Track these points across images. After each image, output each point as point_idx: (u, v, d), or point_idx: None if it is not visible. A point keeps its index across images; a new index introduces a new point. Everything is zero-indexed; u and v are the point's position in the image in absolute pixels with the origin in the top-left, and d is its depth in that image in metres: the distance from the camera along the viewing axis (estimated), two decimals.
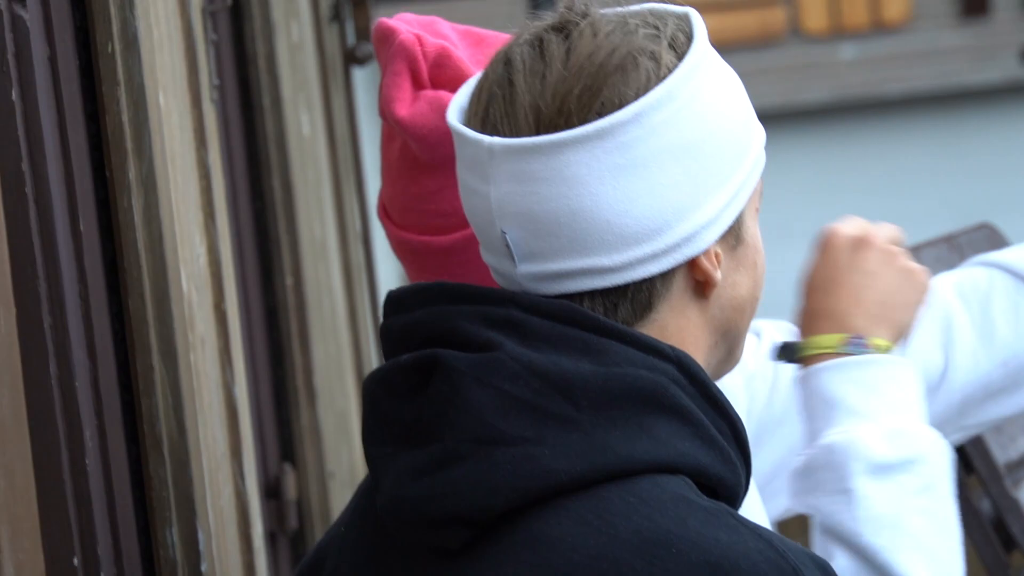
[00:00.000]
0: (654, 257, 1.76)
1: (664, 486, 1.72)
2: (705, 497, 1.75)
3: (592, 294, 1.77)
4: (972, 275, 2.33)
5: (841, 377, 2.03)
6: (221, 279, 2.40)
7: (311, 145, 3.28)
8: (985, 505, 3.25)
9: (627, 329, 1.76)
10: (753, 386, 2.38)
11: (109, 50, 2.11)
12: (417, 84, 2.07)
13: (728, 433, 1.78)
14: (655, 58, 1.76)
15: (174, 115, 2.24)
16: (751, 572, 1.67)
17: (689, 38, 1.79)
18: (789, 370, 2.30)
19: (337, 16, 3.58)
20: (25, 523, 1.71)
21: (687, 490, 1.74)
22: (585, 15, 1.79)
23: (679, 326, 1.81)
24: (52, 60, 2.05)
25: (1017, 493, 3.18)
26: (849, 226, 2.17)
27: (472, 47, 2.18)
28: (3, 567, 1.59)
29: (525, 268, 1.78)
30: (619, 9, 1.83)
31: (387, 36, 2.09)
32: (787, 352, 2.13)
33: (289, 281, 3.09)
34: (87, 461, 2.03)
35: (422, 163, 2.01)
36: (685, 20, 1.80)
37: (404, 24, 2.09)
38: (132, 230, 2.07)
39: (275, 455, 3.16)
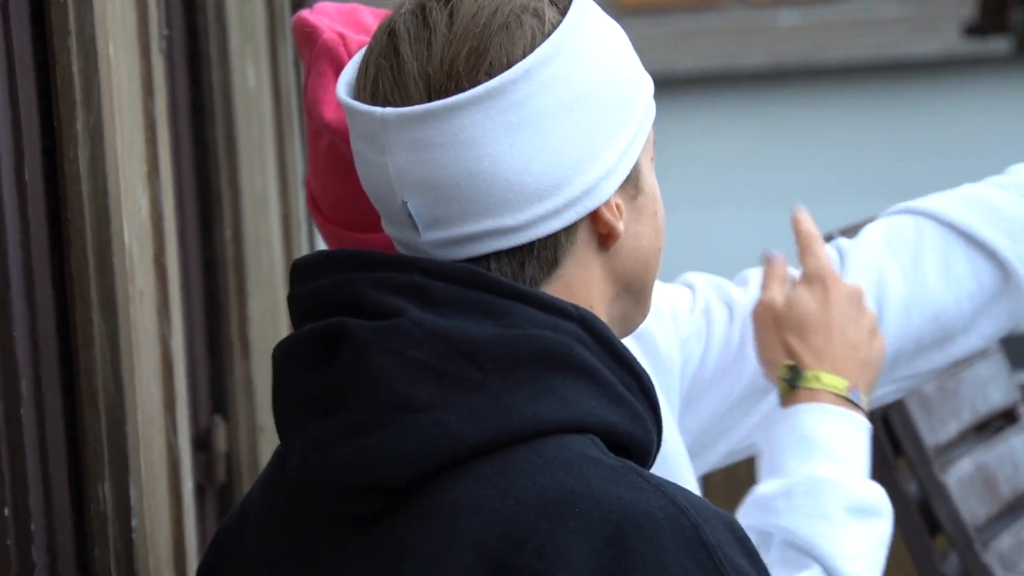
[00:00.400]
0: (556, 212, 1.77)
1: (570, 446, 1.72)
2: (611, 455, 1.75)
3: (498, 255, 1.77)
4: (900, 226, 2.32)
5: (833, 425, 2.05)
6: (163, 232, 2.39)
7: (256, 97, 3.26)
8: (912, 488, 3.27)
9: (530, 290, 1.76)
10: (688, 347, 2.38)
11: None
12: (337, 73, 2.09)
13: (636, 389, 1.78)
14: (538, 15, 1.76)
15: (123, 65, 2.23)
16: (651, 529, 1.68)
17: None
18: (724, 333, 2.30)
19: None
20: None
21: (593, 449, 1.74)
22: None
23: (585, 280, 1.81)
24: (4, 8, 2.03)
25: (944, 477, 3.23)
26: (847, 281, 2.17)
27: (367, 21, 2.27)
28: None
29: (429, 236, 1.78)
30: None
31: (309, 35, 2.11)
32: (793, 375, 2.13)
33: (228, 234, 3.08)
34: (22, 411, 2.02)
35: (350, 162, 1.98)
36: None
37: (325, 19, 2.13)
38: (77, 181, 2.07)
39: (207, 407, 3.14)
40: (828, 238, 3.03)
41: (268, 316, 3.34)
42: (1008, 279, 2.22)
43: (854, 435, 2.07)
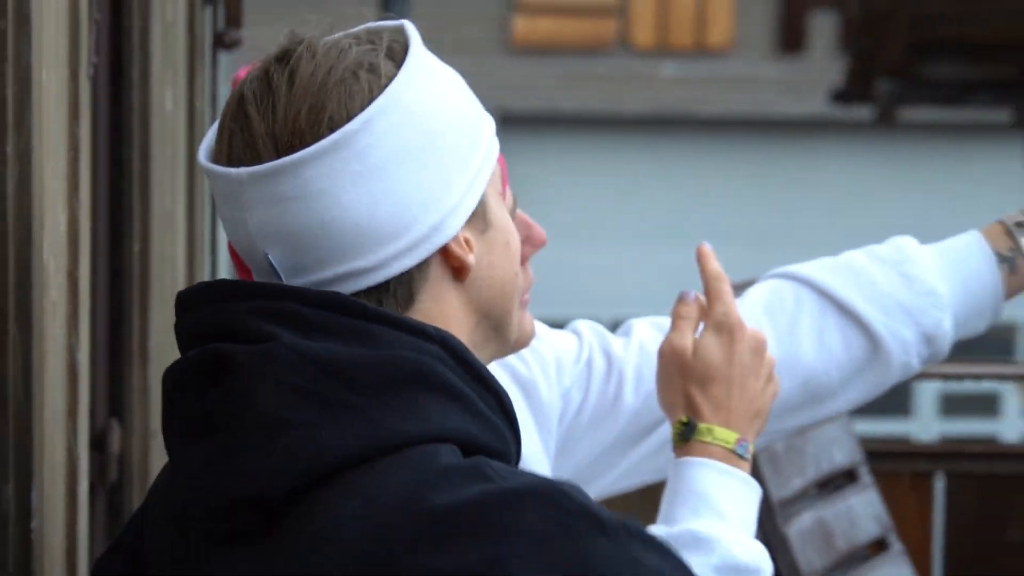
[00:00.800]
0: (407, 251, 1.81)
1: (432, 455, 1.77)
2: (471, 459, 1.81)
3: (357, 294, 1.81)
4: (780, 291, 2.39)
5: (721, 481, 2.10)
6: (78, 247, 2.43)
7: (172, 120, 3.37)
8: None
9: (394, 314, 1.82)
10: (569, 396, 2.43)
11: (1, 27, 2.13)
12: None
13: (495, 406, 1.84)
14: (374, 70, 1.82)
15: (53, 90, 2.27)
16: (514, 501, 1.72)
17: (405, 48, 1.85)
18: (601, 386, 2.36)
19: (211, 0, 3.72)
20: None
21: (453, 456, 1.78)
22: (302, 44, 1.84)
23: (441, 311, 1.86)
24: None
25: (786, 529, 3.27)
26: (753, 329, 2.22)
27: None
28: None
29: (292, 283, 1.82)
30: (337, 34, 1.87)
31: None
32: (687, 429, 2.17)
33: (136, 247, 3.14)
34: None
35: None
36: (400, 31, 1.87)
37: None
38: (4, 201, 2.08)
39: (104, 410, 3.18)
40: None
41: (168, 329, 3.33)
42: (877, 351, 2.30)
43: (740, 492, 2.11)
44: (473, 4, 16.50)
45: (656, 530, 2.10)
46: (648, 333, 2.44)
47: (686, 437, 2.13)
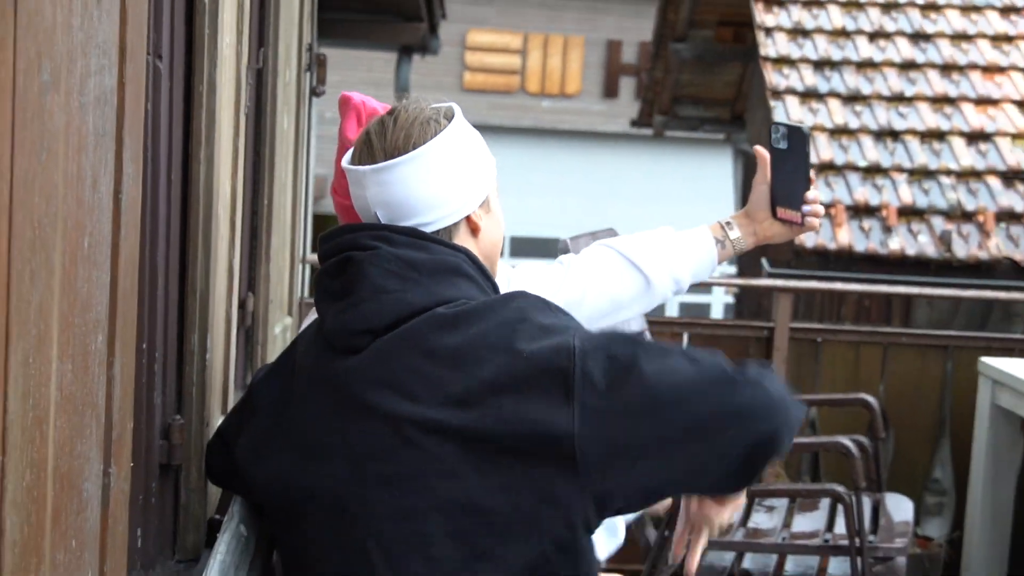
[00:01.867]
0: (449, 215, 2.14)
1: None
2: None
3: None
4: (602, 254, 2.66)
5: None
6: (236, 204, 2.75)
7: (287, 134, 3.78)
8: None
9: (439, 238, 2.13)
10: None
11: (199, 89, 2.40)
12: (360, 124, 2.56)
13: (490, 288, 2.14)
14: (437, 121, 2.14)
15: (225, 121, 2.57)
16: (514, 297, 2.07)
17: (452, 113, 2.18)
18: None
19: (309, 68, 4.09)
20: None
21: None
22: (402, 106, 2.17)
23: (469, 248, 2.17)
24: (168, 78, 2.30)
25: None
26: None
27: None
28: None
29: None
30: (420, 100, 2.19)
31: (347, 100, 2.57)
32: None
33: (266, 202, 3.50)
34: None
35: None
36: (450, 106, 2.19)
37: (355, 95, 2.59)
38: (198, 181, 2.39)
39: (245, 288, 3.41)
40: (563, 250, 3.32)
41: (279, 244, 3.72)
42: (649, 287, 2.63)
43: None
44: (445, 68, 19.63)
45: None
46: (528, 266, 2.69)
47: None
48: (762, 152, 2.59)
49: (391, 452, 1.96)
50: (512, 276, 2.63)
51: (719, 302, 19.47)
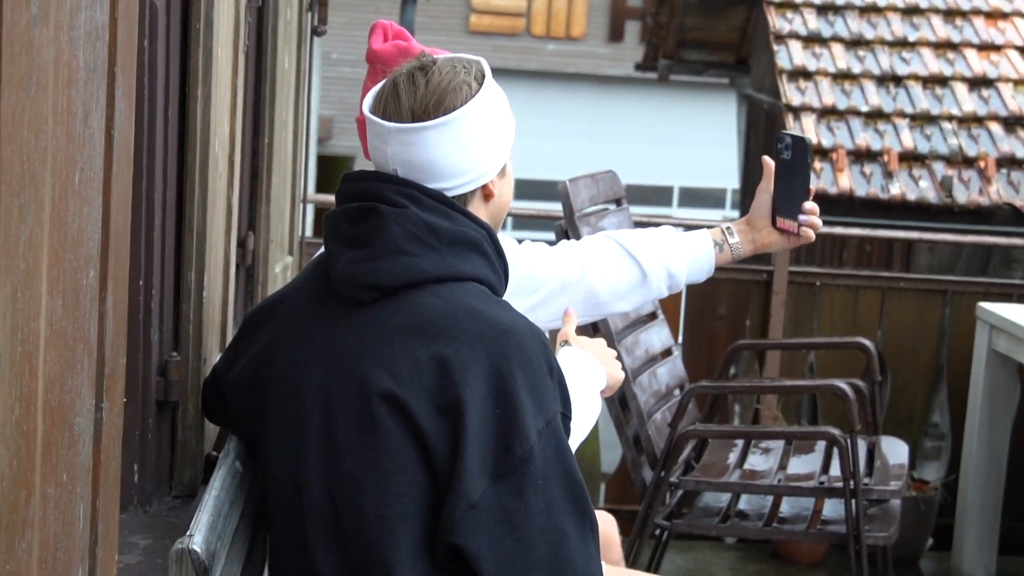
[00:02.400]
0: (469, 183, 2.12)
1: (477, 287, 2.05)
2: (493, 296, 2.07)
3: None
4: (607, 243, 2.68)
5: (586, 357, 2.41)
6: (234, 142, 2.73)
7: (288, 73, 3.74)
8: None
9: (467, 210, 2.09)
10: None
11: (196, 27, 2.39)
12: (386, 37, 2.56)
13: (502, 270, 2.13)
14: (469, 85, 2.09)
15: (223, 59, 2.55)
16: (522, 333, 2.01)
17: (483, 75, 2.13)
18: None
19: (311, 7, 4.06)
20: None
21: (486, 291, 2.06)
22: (434, 62, 2.10)
23: (478, 212, 2.15)
24: (165, 27, 2.27)
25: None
26: (603, 342, 2.47)
27: (406, 40, 2.58)
28: None
29: None
30: (451, 57, 2.13)
31: (376, 23, 2.58)
32: (565, 344, 2.44)
33: (267, 140, 3.47)
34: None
35: (383, 76, 2.28)
36: (480, 66, 2.14)
37: (384, 21, 2.58)
38: (195, 118, 2.39)
39: (245, 226, 3.42)
40: (563, 192, 3.39)
41: (280, 183, 3.70)
42: (645, 281, 2.63)
43: (585, 361, 2.37)
44: (451, 11, 19.83)
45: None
46: (531, 244, 2.68)
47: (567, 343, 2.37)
48: (768, 162, 2.62)
49: (357, 418, 1.97)
50: (517, 251, 2.63)
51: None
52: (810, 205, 2.55)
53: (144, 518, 2.25)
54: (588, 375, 2.32)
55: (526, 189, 18.87)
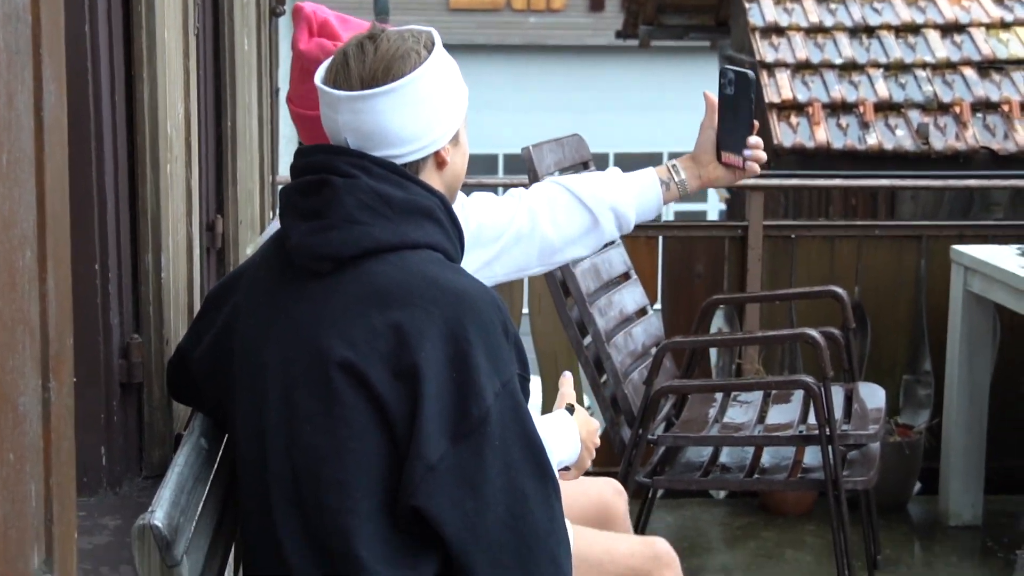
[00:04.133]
0: (420, 149, 2.11)
1: (431, 254, 2.05)
2: (448, 262, 2.08)
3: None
4: (555, 189, 2.70)
5: (570, 435, 2.39)
6: (190, 123, 2.74)
7: (248, 55, 3.72)
8: (557, 275, 3.63)
9: (419, 179, 2.10)
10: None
11: (138, 9, 2.38)
12: (311, 34, 2.54)
13: (457, 235, 2.13)
14: (418, 53, 2.09)
15: (171, 42, 2.56)
16: (477, 298, 2.02)
17: (432, 43, 2.12)
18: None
19: None
20: None
21: (441, 258, 2.06)
22: (383, 31, 2.10)
23: (432, 182, 2.15)
24: (106, 12, 2.28)
25: (574, 269, 3.62)
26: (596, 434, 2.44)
27: (339, 22, 2.58)
28: None
29: None
30: (400, 28, 2.13)
31: (299, 10, 2.54)
32: (569, 409, 2.43)
33: (229, 123, 3.47)
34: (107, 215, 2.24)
35: (308, 73, 2.37)
36: (430, 35, 2.14)
37: (307, 4, 2.57)
38: (142, 101, 2.40)
39: (213, 209, 3.45)
40: (526, 157, 3.39)
41: (246, 163, 3.71)
42: (596, 226, 2.65)
43: (567, 432, 2.37)
44: None
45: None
46: (481, 195, 2.69)
47: (569, 411, 2.41)
48: (711, 98, 2.63)
49: (316, 387, 1.99)
50: (466, 203, 2.64)
51: (714, 208, 19.67)
52: (754, 140, 2.57)
53: (114, 500, 2.27)
54: (563, 443, 2.36)
55: (515, 164, 18.92)
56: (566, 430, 2.35)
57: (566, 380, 2.45)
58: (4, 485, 1.47)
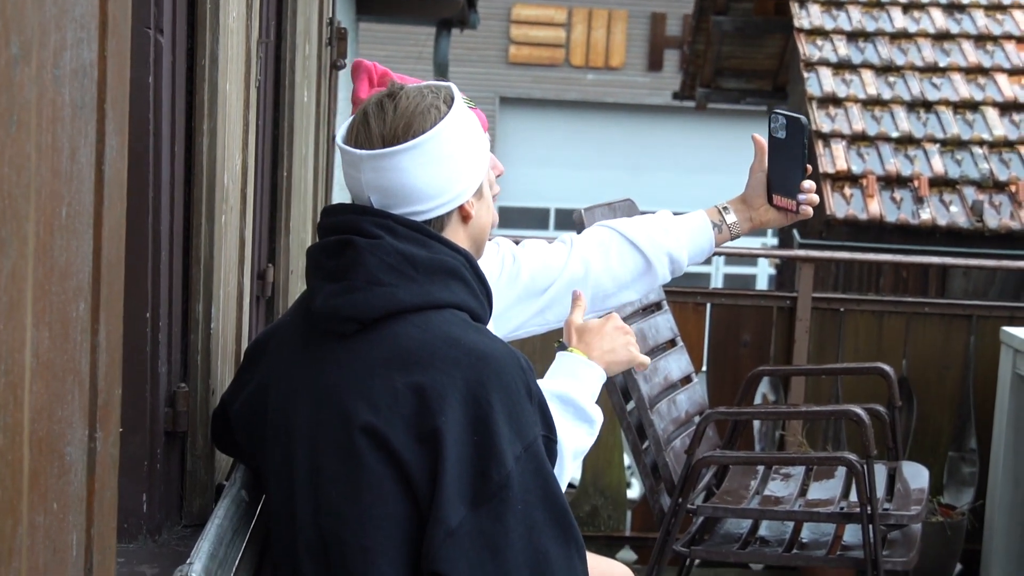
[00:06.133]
0: (444, 205, 2.12)
1: (456, 314, 2.05)
2: (473, 322, 2.06)
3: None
4: (607, 233, 2.69)
5: (581, 365, 2.37)
6: (247, 173, 2.75)
7: (307, 107, 3.76)
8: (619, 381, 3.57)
9: (443, 237, 2.09)
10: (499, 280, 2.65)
11: (202, 63, 2.42)
12: (371, 85, 2.57)
13: (484, 294, 2.12)
14: (437, 108, 2.10)
15: (233, 94, 2.58)
16: (499, 359, 2.00)
17: (452, 98, 2.12)
18: (511, 269, 2.62)
19: (330, 43, 4.10)
20: None
21: (466, 318, 2.05)
22: (402, 88, 2.11)
23: (456, 237, 2.15)
24: (171, 64, 2.32)
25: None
26: (616, 319, 2.43)
27: (398, 78, 2.53)
28: None
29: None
30: (419, 84, 2.14)
31: (359, 63, 2.60)
32: (560, 346, 2.43)
33: (285, 173, 3.49)
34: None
35: None
36: (449, 89, 2.14)
37: (366, 61, 2.61)
38: (202, 151, 2.43)
39: (265, 258, 3.45)
40: (578, 221, 3.37)
41: (299, 216, 3.71)
42: (649, 269, 2.63)
43: (587, 368, 2.35)
44: (490, 43, 19.81)
45: (543, 383, 2.26)
46: (533, 243, 2.68)
47: (562, 348, 2.40)
48: (759, 141, 2.64)
49: (340, 451, 2.00)
50: (517, 253, 2.64)
51: (764, 273, 19.58)
52: (808, 183, 2.57)
53: (153, 547, 2.27)
54: (581, 384, 2.33)
55: (564, 219, 18.97)
56: (569, 369, 2.34)
57: (578, 304, 2.45)
58: (46, 534, 1.48)
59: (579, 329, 2.41)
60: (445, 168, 2.10)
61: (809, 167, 2.50)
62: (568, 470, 2.21)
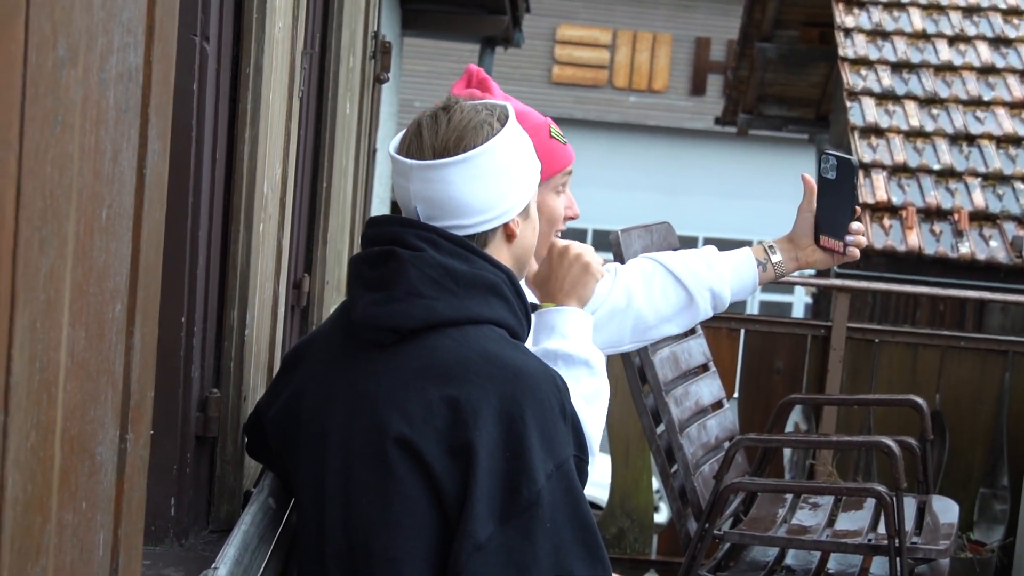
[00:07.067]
0: (489, 221, 2.12)
1: (494, 330, 2.06)
2: (510, 339, 2.07)
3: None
4: (651, 265, 2.70)
5: (552, 316, 2.37)
6: (286, 183, 2.76)
7: (349, 119, 3.74)
8: (636, 361, 3.58)
9: (486, 253, 2.09)
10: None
11: (247, 72, 2.44)
12: (468, 84, 2.57)
13: (522, 312, 2.12)
14: (491, 125, 2.11)
15: (276, 105, 2.60)
16: (534, 377, 2.01)
17: (506, 116, 2.13)
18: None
19: (374, 56, 4.09)
20: None
21: (504, 334, 2.06)
22: (458, 102, 2.13)
23: (499, 254, 2.15)
24: (216, 76, 2.34)
25: (653, 357, 3.57)
26: (561, 243, 2.44)
27: (497, 88, 2.60)
28: None
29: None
30: (474, 101, 2.15)
31: (468, 68, 2.60)
32: (535, 307, 2.41)
33: (325, 184, 3.49)
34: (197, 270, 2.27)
35: None
36: (504, 108, 2.15)
37: (474, 67, 2.60)
38: (242, 160, 2.44)
39: (301, 268, 3.48)
40: (615, 242, 3.28)
41: (338, 227, 3.68)
42: (692, 303, 2.65)
43: (560, 319, 2.36)
44: (534, 62, 20.02)
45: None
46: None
47: (535, 308, 2.39)
48: (809, 181, 2.65)
49: (372, 461, 2.00)
50: None
51: (800, 302, 19.50)
52: (857, 225, 2.59)
53: (179, 551, 2.28)
54: (559, 333, 2.35)
55: (603, 240, 18.97)
56: (544, 324, 2.37)
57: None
58: (74, 533, 1.49)
59: (536, 283, 2.42)
60: (493, 185, 2.10)
61: (858, 209, 2.50)
62: (585, 415, 2.21)
